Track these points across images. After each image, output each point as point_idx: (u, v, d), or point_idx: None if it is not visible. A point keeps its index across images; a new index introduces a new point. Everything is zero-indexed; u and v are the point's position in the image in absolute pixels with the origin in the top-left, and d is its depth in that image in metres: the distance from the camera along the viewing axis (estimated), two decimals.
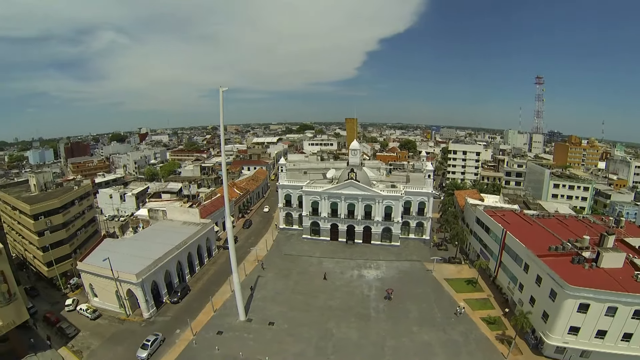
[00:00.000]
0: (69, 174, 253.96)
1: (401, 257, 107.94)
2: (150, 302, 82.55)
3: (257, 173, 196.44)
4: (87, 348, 72.35)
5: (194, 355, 68.07)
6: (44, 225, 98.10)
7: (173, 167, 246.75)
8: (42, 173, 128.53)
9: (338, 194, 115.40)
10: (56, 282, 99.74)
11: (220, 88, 68.29)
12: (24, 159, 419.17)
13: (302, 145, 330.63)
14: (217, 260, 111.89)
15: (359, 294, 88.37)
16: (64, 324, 79.32)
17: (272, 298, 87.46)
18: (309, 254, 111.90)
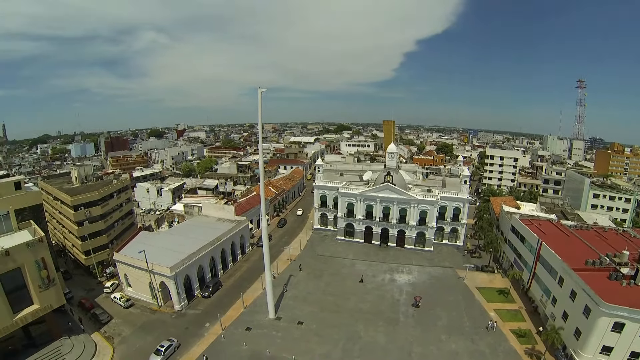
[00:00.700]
0: (109, 167, 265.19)
1: (434, 262, 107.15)
2: (182, 295, 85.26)
3: (293, 172, 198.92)
4: (119, 335, 76.00)
5: (222, 349, 69.78)
6: (83, 216, 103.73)
7: (210, 163, 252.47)
8: (83, 166, 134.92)
9: (374, 197, 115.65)
10: (92, 270, 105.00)
11: (260, 89, 70.03)
12: (67, 152, 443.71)
13: (339, 145, 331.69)
14: (250, 257, 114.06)
15: (390, 298, 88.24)
16: (98, 310, 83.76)
17: (303, 298, 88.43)
18: (342, 255, 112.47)
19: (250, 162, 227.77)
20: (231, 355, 68.18)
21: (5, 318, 62.29)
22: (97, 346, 71.93)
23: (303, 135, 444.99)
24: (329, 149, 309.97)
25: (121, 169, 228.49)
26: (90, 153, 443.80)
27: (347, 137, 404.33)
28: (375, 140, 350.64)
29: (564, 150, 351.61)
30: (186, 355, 68.19)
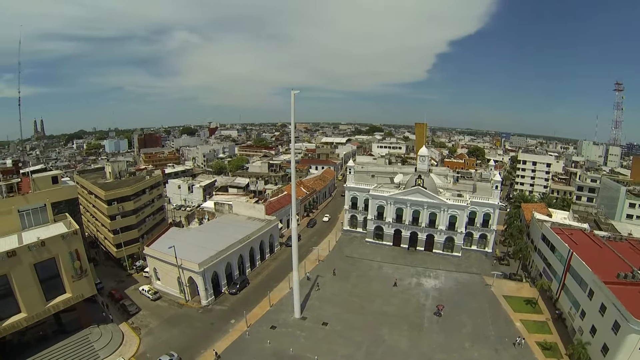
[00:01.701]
0: (141, 163, 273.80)
1: (461, 268, 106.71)
2: (209, 291, 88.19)
3: (324, 173, 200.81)
4: (146, 326, 79.69)
5: (246, 345, 71.88)
6: (116, 211, 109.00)
7: (241, 162, 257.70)
8: (117, 162, 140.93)
9: (404, 200, 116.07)
10: (123, 263, 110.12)
11: (293, 91, 71.56)
12: (101, 148, 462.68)
13: (371, 147, 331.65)
14: (278, 256, 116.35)
15: (415, 302, 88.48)
16: (127, 301, 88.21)
17: (329, 299, 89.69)
18: (370, 257, 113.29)
19: (282, 161, 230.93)
20: (254, 352, 70.07)
21: (39, 304, 66.99)
22: (125, 336, 75.77)
23: (335, 136, 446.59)
24: (360, 150, 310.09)
25: (153, 165, 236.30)
26: (124, 149, 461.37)
27: (378, 138, 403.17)
28: (407, 142, 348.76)
29: (599, 156, 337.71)
30: (210, 350, 70.40)
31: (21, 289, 64.29)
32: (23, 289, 64.52)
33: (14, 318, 64.41)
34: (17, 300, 64.65)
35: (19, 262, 63.90)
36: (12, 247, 64.27)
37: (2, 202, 76.35)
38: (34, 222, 78.94)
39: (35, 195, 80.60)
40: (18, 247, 64.68)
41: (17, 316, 64.85)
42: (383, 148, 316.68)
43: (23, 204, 77.78)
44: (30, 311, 65.79)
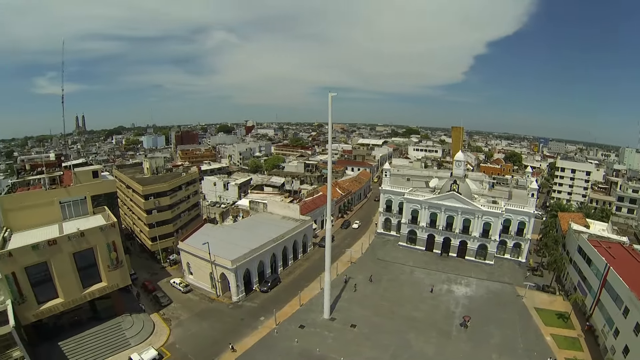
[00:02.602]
0: (178, 159, 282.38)
1: (493, 277, 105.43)
2: (240, 288, 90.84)
3: (360, 175, 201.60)
4: (176, 318, 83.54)
5: (273, 343, 73.90)
6: (152, 205, 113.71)
7: (277, 161, 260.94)
8: (155, 158, 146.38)
9: (438, 205, 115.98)
10: (157, 256, 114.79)
11: (330, 93, 72.79)
12: (139, 143, 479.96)
13: (407, 149, 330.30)
14: (311, 256, 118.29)
15: (445, 309, 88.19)
16: (159, 293, 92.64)
17: (359, 301, 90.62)
18: (402, 261, 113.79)
19: (318, 161, 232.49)
20: (281, 350, 71.90)
21: (76, 291, 71.83)
22: (155, 326, 79.78)
23: (371, 137, 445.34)
24: (396, 153, 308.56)
25: (190, 162, 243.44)
26: (161, 145, 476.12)
27: (415, 141, 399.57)
28: (443, 145, 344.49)
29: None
30: (237, 345, 72.82)
31: (60, 275, 69.10)
32: (62, 276, 69.32)
33: (52, 302, 69.31)
34: (55, 286, 69.53)
35: (59, 251, 68.68)
36: (53, 236, 69.27)
37: (45, 193, 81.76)
38: (74, 214, 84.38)
39: (76, 188, 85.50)
40: (59, 237, 69.56)
41: (55, 301, 69.74)
42: (419, 151, 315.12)
43: (64, 196, 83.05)
44: (67, 297, 70.63)
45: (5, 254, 62.78)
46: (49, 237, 69.14)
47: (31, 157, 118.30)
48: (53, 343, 69.91)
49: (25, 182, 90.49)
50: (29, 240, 67.43)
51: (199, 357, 69.98)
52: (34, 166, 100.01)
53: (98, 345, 71.66)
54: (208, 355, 70.32)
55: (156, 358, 67.79)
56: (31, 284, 66.08)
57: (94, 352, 70.25)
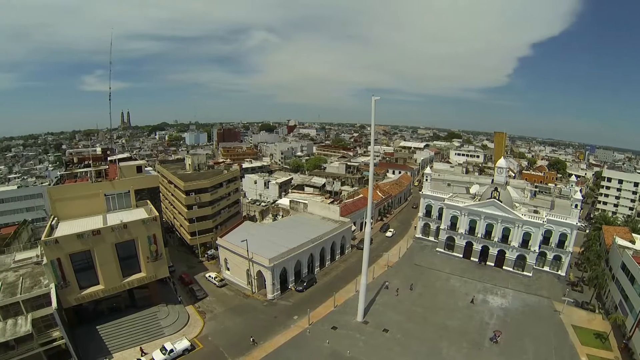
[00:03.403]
0: (219, 156, 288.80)
1: (530, 289, 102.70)
2: (276, 286, 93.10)
3: (401, 178, 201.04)
4: (211, 312, 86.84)
5: (305, 342, 75.34)
6: (193, 201, 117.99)
7: (319, 161, 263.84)
8: (197, 155, 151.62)
9: (478, 212, 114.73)
10: (195, 250, 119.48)
11: (373, 97, 73.75)
12: (182, 139, 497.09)
13: (449, 154, 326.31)
14: (348, 258, 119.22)
15: (479, 320, 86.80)
16: (196, 286, 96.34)
17: (393, 306, 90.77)
18: (438, 268, 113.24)
19: (360, 163, 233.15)
20: (312, 349, 73.29)
21: (116, 279, 76.49)
22: (190, 318, 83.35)
23: (413, 140, 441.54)
24: (438, 157, 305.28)
25: (231, 159, 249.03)
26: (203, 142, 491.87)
27: (457, 145, 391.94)
28: (485, 151, 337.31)
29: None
30: (269, 342, 75.05)
31: (102, 264, 73.79)
32: (103, 265, 73.99)
33: (93, 288, 74.44)
34: (97, 273, 74.48)
35: (102, 241, 73.29)
36: (98, 227, 73.91)
37: (91, 186, 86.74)
38: (118, 206, 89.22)
39: (121, 182, 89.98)
40: (102, 227, 74.15)
41: (95, 287, 74.82)
42: (461, 156, 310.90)
43: (109, 189, 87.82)
44: (108, 284, 75.47)
45: (52, 240, 67.87)
46: (93, 227, 73.85)
47: (79, 151, 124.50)
48: (91, 326, 75.08)
49: (73, 174, 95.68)
50: (75, 229, 72.72)
51: (230, 351, 72.29)
52: (81, 159, 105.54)
53: (133, 332, 76.07)
54: (239, 349, 72.58)
55: (188, 348, 71.09)
56: (74, 270, 71.11)
57: (129, 337, 74.66)
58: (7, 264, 75.11)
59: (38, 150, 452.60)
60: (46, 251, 67.60)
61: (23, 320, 62.04)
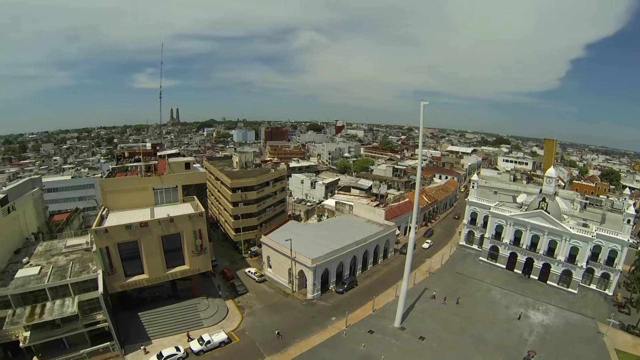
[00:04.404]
0: (267, 155, 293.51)
1: (574, 307, 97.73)
2: (317, 286, 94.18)
3: (448, 183, 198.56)
4: (250, 307, 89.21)
5: (341, 344, 76.00)
6: (239, 198, 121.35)
7: (366, 163, 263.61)
8: (244, 153, 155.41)
9: (524, 223, 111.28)
10: (239, 246, 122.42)
11: (422, 102, 73.32)
12: (229, 137, 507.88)
13: (496, 160, 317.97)
14: (390, 262, 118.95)
15: (517, 335, 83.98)
16: (237, 282, 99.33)
17: (431, 314, 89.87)
18: (480, 277, 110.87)
19: (407, 166, 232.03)
20: (347, 352, 73.76)
21: (160, 270, 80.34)
22: (229, 312, 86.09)
23: (461, 145, 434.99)
24: (485, 163, 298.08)
25: (279, 158, 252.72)
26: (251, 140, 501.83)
27: (505, 151, 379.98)
28: (534, 158, 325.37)
29: None
30: (305, 341, 76.22)
31: (147, 255, 77.68)
32: (149, 255, 77.87)
33: (137, 277, 78.70)
34: (142, 263, 78.58)
35: (149, 233, 77.01)
36: (145, 219, 78.00)
37: (141, 180, 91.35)
38: (166, 200, 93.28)
39: (170, 177, 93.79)
40: (150, 220, 78.04)
41: (140, 276, 78.98)
42: (509, 162, 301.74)
43: (158, 183, 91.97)
44: (152, 274, 79.42)
45: (102, 230, 72.52)
46: (141, 219, 78.01)
47: (130, 146, 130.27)
48: (133, 312, 79.45)
49: (124, 168, 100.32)
50: (123, 220, 77.28)
51: (266, 346, 74.00)
52: (132, 154, 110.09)
53: (173, 321, 79.77)
54: (275, 346, 74.13)
55: (225, 341, 73.61)
56: (121, 258, 75.49)
57: (168, 326, 78.41)
58: (59, 248, 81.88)
59: (91, 143, 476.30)
60: (96, 239, 71.96)
61: (70, 301, 67.33)
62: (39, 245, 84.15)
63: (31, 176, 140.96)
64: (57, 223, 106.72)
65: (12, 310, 64.59)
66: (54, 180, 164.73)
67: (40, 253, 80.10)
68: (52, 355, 66.29)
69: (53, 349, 66.93)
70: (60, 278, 68.78)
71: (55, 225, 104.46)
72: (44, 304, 66.46)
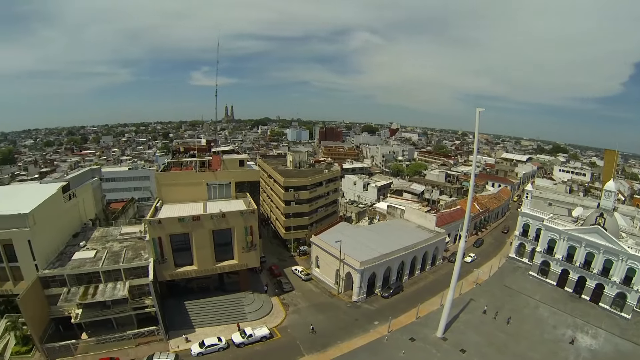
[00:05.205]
0: (320, 155, 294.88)
1: (626, 334, 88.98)
2: (362, 289, 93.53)
3: (501, 192, 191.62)
4: (295, 305, 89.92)
5: (381, 349, 74.98)
6: (291, 197, 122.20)
7: (419, 167, 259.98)
8: (299, 152, 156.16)
9: (579, 238, 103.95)
10: (288, 245, 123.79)
11: (478, 109, 71.09)
12: (283, 135, 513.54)
13: (552, 169, 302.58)
14: (437, 270, 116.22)
15: (563, 358, 78.66)
16: (284, 279, 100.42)
17: (475, 326, 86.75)
18: (528, 293, 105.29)
19: (460, 172, 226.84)
20: (387, 357, 72.69)
21: (209, 263, 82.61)
22: (273, 308, 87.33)
23: (516, 152, 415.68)
24: (540, 172, 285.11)
25: (332, 159, 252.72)
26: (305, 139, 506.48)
27: (562, 160, 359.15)
28: (593, 169, 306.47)
29: None
30: (345, 343, 75.98)
31: (198, 247, 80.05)
32: (199, 248, 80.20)
33: (186, 268, 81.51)
34: (192, 254, 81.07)
35: (201, 226, 79.26)
36: (198, 213, 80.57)
37: (195, 175, 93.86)
38: (219, 196, 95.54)
39: (223, 173, 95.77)
40: (202, 214, 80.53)
41: (189, 267, 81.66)
42: (566, 172, 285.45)
43: (212, 179, 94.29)
44: (201, 266, 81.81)
45: (156, 221, 75.71)
46: (194, 213, 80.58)
47: (185, 141, 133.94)
48: (180, 301, 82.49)
49: (179, 163, 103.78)
50: (177, 213, 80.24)
51: (306, 345, 74.47)
52: (187, 149, 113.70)
53: (218, 312, 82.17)
54: (315, 345, 74.43)
55: (266, 336, 74.74)
56: (172, 249, 78.48)
57: (213, 316, 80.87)
58: (114, 235, 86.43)
59: (148, 137, 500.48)
60: (149, 229, 74.94)
61: (121, 285, 71.32)
62: (95, 231, 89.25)
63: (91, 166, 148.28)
64: (113, 211, 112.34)
65: (67, 288, 69.47)
66: (112, 170, 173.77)
67: (96, 238, 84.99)
68: (100, 332, 70.80)
69: (101, 327, 71.36)
70: (114, 263, 73.00)
71: (112, 213, 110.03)
72: (96, 285, 70.94)
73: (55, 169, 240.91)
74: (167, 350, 70.36)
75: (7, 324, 69.56)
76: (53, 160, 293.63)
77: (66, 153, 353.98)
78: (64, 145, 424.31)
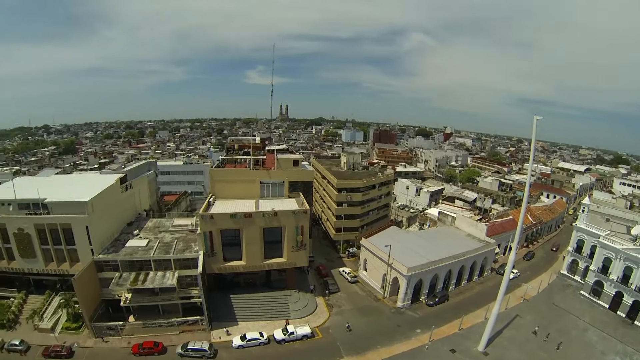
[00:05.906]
0: (374, 157, 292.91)
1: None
2: (408, 296, 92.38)
3: (556, 204, 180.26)
4: (339, 307, 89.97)
5: (420, 357, 73.75)
6: (344, 199, 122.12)
7: (472, 174, 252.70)
8: (353, 154, 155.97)
9: (636, 259, 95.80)
10: (337, 246, 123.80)
11: (535, 117, 68.12)
12: (337, 136, 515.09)
13: (612, 182, 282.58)
14: (485, 281, 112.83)
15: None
16: (330, 280, 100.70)
17: (519, 344, 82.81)
18: (578, 314, 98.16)
19: (514, 181, 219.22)
20: None
21: (258, 259, 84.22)
22: (317, 308, 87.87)
23: (573, 162, 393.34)
24: (599, 184, 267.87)
25: (386, 161, 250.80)
26: (359, 140, 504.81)
27: (623, 172, 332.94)
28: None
29: None
30: (386, 348, 75.34)
31: (248, 243, 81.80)
32: (249, 244, 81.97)
33: (235, 263, 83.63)
34: (241, 250, 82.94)
35: (252, 223, 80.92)
36: (250, 210, 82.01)
37: (249, 172, 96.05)
38: (272, 194, 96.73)
39: (277, 172, 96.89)
40: (254, 212, 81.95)
41: (238, 262, 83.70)
42: (627, 186, 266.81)
43: (265, 177, 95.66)
44: (249, 262, 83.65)
45: (208, 215, 78.18)
46: (245, 210, 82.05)
47: (239, 138, 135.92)
48: (226, 294, 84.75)
49: (233, 160, 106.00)
50: (229, 209, 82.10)
51: (346, 347, 74.61)
52: (241, 147, 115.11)
53: (262, 308, 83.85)
54: (355, 348, 74.37)
55: (308, 335, 75.65)
56: (222, 243, 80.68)
57: (257, 311, 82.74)
58: (166, 226, 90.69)
59: (202, 133, 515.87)
60: (201, 223, 77.78)
61: (171, 274, 74.85)
62: (149, 221, 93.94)
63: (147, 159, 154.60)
64: (166, 203, 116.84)
65: (119, 273, 74.02)
66: (167, 164, 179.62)
67: (149, 228, 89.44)
68: (146, 317, 74.75)
69: (148, 312, 75.28)
70: (165, 253, 76.83)
71: (165, 205, 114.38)
72: (147, 272, 74.97)
73: (114, 160, 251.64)
74: (209, 340, 72.73)
75: (61, 301, 75.01)
76: (112, 152, 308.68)
77: (124, 145, 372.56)
78: (122, 138, 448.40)
